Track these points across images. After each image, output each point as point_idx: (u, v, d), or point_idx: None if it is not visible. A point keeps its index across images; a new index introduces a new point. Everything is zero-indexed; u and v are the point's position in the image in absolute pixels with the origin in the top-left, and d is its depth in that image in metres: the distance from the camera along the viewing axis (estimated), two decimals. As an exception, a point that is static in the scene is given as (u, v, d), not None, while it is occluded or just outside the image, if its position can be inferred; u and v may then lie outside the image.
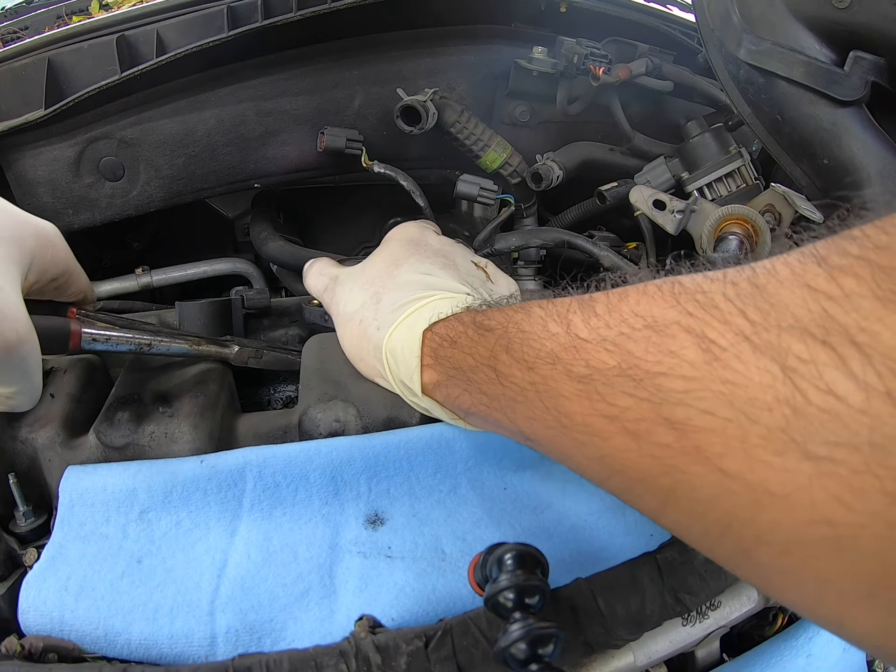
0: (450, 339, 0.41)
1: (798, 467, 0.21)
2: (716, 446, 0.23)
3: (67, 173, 0.75)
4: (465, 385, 0.39)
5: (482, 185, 0.72)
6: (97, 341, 0.46)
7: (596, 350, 0.29)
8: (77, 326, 0.46)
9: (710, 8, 0.63)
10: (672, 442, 0.25)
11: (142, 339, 0.49)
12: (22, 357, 0.38)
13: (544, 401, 0.32)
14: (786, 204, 0.72)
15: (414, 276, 0.51)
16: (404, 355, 0.44)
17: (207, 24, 0.82)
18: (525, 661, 0.29)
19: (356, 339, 0.51)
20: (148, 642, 0.37)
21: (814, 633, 0.45)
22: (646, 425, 0.26)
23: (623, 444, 0.27)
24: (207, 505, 0.43)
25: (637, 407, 0.26)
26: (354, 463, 0.45)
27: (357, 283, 0.54)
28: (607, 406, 0.28)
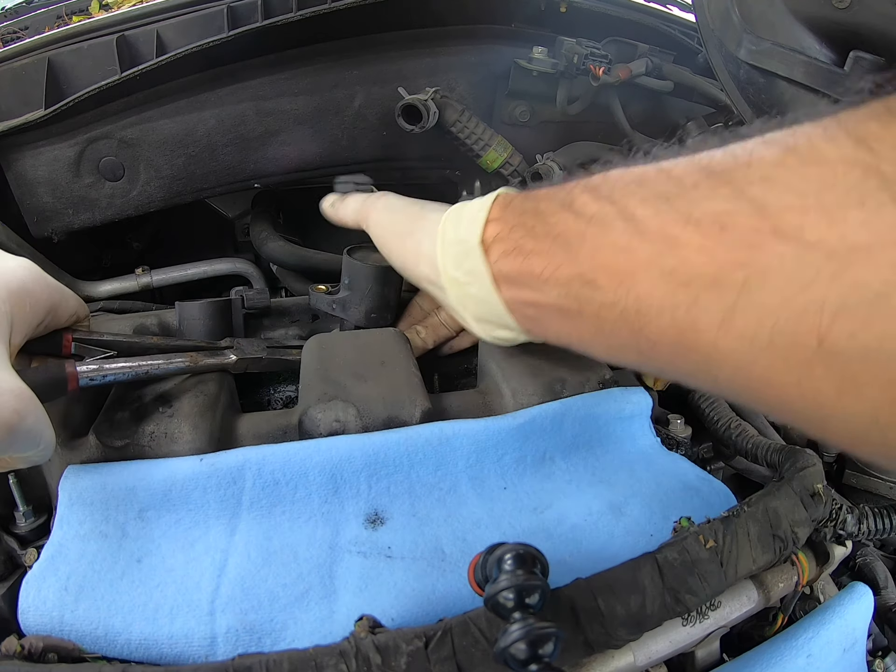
0: (523, 193, 0.43)
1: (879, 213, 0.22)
2: (796, 219, 0.24)
3: (67, 173, 0.75)
4: (530, 229, 0.40)
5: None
6: (95, 379, 0.46)
7: (678, 167, 0.31)
8: (72, 368, 0.45)
9: (710, 8, 0.63)
10: (753, 225, 0.26)
11: (139, 367, 0.48)
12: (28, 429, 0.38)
13: (623, 220, 0.33)
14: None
15: None
16: (472, 210, 0.44)
17: (207, 25, 0.82)
18: (525, 661, 0.29)
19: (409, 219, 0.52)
20: (148, 642, 0.37)
21: (814, 633, 0.45)
22: (727, 217, 0.27)
23: (700, 244, 0.28)
24: (207, 503, 0.43)
25: (718, 204, 0.28)
26: (354, 461, 0.45)
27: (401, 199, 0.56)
28: (692, 210, 0.29)
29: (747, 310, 0.26)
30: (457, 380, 0.66)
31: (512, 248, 0.40)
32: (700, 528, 0.41)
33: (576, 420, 0.50)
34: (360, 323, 0.62)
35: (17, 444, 0.37)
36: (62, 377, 0.44)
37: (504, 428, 0.48)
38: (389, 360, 0.54)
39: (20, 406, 0.37)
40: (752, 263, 0.26)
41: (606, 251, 0.34)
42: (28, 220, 0.77)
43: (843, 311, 0.22)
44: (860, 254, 0.22)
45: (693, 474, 0.50)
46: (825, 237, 0.23)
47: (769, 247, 0.25)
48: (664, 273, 0.30)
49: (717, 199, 0.28)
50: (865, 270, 0.22)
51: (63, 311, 0.48)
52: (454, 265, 0.45)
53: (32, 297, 0.43)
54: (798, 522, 0.43)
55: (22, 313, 0.42)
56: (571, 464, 0.49)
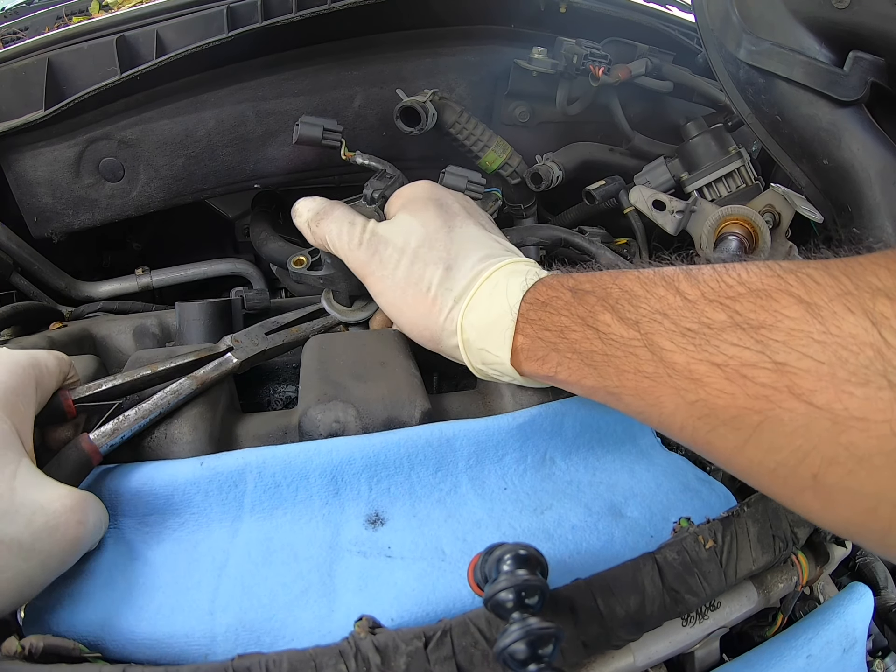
0: (540, 301, 0.43)
1: (878, 395, 0.26)
2: (809, 384, 0.28)
3: (67, 174, 0.75)
4: (553, 345, 0.41)
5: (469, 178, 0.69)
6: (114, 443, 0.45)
7: (706, 307, 0.33)
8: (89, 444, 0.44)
9: (709, 8, 0.63)
10: (772, 382, 0.29)
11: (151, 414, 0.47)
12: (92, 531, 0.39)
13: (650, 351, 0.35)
14: (785, 204, 0.73)
15: (472, 238, 0.51)
16: (490, 320, 0.45)
17: (207, 25, 0.82)
18: (524, 662, 0.29)
19: (423, 307, 0.49)
20: (148, 641, 0.37)
21: (813, 633, 0.45)
22: (750, 369, 0.30)
23: (723, 387, 0.31)
24: (209, 506, 0.43)
25: (743, 354, 0.31)
26: (354, 462, 0.45)
27: (411, 243, 0.51)
28: (715, 353, 0.32)
29: (759, 444, 0.31)
30: (457, 380, 0.66)
31: (537, 358, 0.43)
32: (700, 529, 0.41)
33: (576, 420, 0.50)
34: (353, 292, 0.60)
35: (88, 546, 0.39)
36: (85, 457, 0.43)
37: (504, 428, 0.48)
38: (389, 361, 0.53)
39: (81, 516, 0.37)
40: (767, 412, 0.30)
41: (631, 375, 0.36)
42: (28, 221, 0.77)
43: (835, 462, 0.28)
44: (857, 423, 0.27)
45: (693, 475, 0.50)
46: (832, 404, 0.27)
47: (784, 402, 0.29)
48: (687, 403, 0.33)
49: (741, 349, 0.31)
50: (857, 436, 0.27)
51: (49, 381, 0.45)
52: (479, 362, 0.48)
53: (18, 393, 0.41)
54: (798, 522, 0.43)
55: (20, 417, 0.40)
56: (572, 464, 0.49)
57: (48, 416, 0.45)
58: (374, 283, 0.52)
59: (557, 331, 0.41)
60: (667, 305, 0.35)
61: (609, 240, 0.86)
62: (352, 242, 0.52)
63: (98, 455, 0.44)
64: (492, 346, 0.45)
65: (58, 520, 0.36)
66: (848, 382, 0.27)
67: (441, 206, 0.54)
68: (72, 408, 0.46)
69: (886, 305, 0.27)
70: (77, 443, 0.43)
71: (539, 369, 0.43)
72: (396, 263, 0.50)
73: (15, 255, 0.76)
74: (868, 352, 0.27)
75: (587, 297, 0.40)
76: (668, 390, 0.34)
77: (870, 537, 0.29)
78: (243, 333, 0.56)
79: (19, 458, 0.38)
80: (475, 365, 0.48)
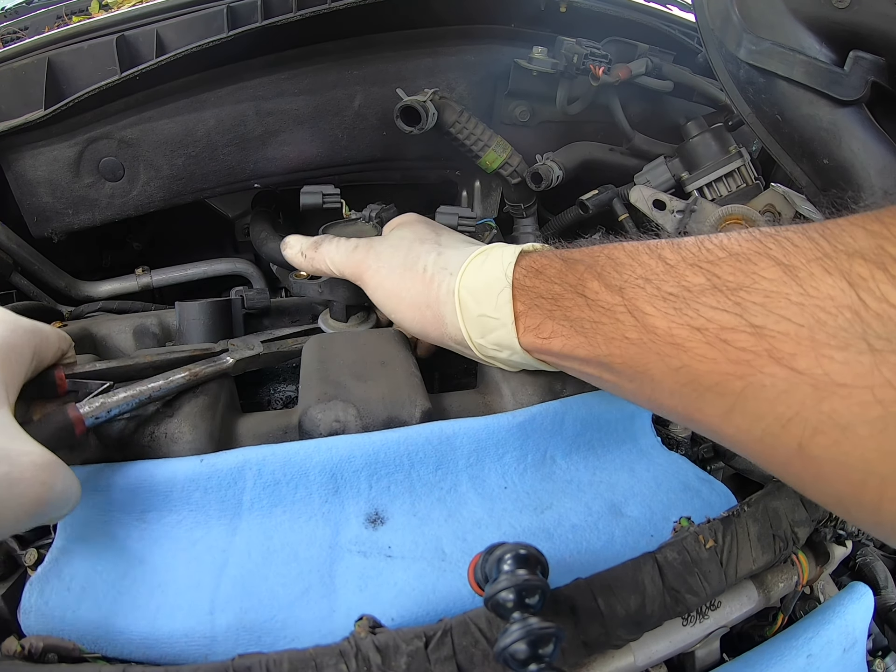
0: (534, 269, 0.44)
1: (858, 359, 0.25)
2: (789, 347, 0.28)
3: (67, 173, 0.75)
4: (548, 312, 0.42)
5: (460, 214, 0.71)
6: (100, 416, 0.44)
7: (686, 271, 0.33)
8: (75, 412, 0.43)
9: (709, 8, 0.63)
10: (751, 346, 0.29)
11: (140, 394, 0.47)
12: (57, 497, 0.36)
13: (633, 317, 0.35)
14: (786, 203, 0.73)
15: (459, 239, 0.53)
16: (488, 287, 0.45)
17: (207, 25, 0.82)
18: (525, 661, 0.29)
19: (421, 285, 0.50)
20: (148, 641, 0.37)
21: (814, 633, 0.45)
22: (730, 333, 0.30)
23: (704, 352, 0.31)
24: (208, 503, 0.43)
25: (722, 317, 0.30)
26: (354, 460, 0.45)
27: (405, 241, 0.53)
28: (695, 317, 0.32)
29: (744, 412, 0.30)
30: (457, 380, 0.66)
31: (534, 327, 0.43)
32: (700, 528, 0.41)
33: (577, 419, 0.50)
34: (351, 301, 0.61)
35: (49, 513, 0.36)
36: (68, 424, 0.42)
37: (504, 426, 0.48)
38: (389, 360, 0.53)
39: (47, 476, 0.35)
40: (749, 378, 0.29)
41: (619, 342, 0.36)
42: (28, 221, 0.77)
43: (819, 431, 0.27)
44: (838, 389, 0.26)
45: (693, 474, 0.50)
46: (812, 369, 0.27)
47: (765, 367, 0.29)
48: (672, 369, 0.33)
49: (721, 312, 0.31)
50: (840, 403, 0.26)
51: (47, 351, 0.46)
52: (479, 334, 0.47)
53: (15, 350, 0.41)
54: (798, 522, 0.43)
55: (10, 371, 0.40)
56: (572, 463, 0.49)
57: (39, 388, 0.45)
58: (370, 277, 0.53)
59: (551, 298, 0.41)
60: (649, 271, 0.36)
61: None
62: (346, 250, 0.56)
63: (82, 425, 0.43)
64: (491, 310, 0.45)
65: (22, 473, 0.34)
66: (827, 346, 0.27)
67: (428, 223, 0.58)
68: (63, 382, 0.46)
69: (863, 266, 0.27)
70: (63, 409, 0.43)
71: (535, 340, 0.43)
72: (392, 254, 0.52)
73: (15, 255, 0.76)
74: (846, 314, 0.26)
75: (577, 266, 0.41)
76: (653, 357, 0.34)
77: (862, 513, 0.28)
78: (239, 339, 0.58)
79: None
80: (475, 339, 0.48)
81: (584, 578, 0.37)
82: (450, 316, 0.48)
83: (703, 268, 0.33)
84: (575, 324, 0.40)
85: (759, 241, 0.31)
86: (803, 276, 0.28)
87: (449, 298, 0.48)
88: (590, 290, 0.39)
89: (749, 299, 0.30)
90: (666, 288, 0.34)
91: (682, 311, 0.32)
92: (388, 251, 0.53)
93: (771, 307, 0.29)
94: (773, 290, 0.29)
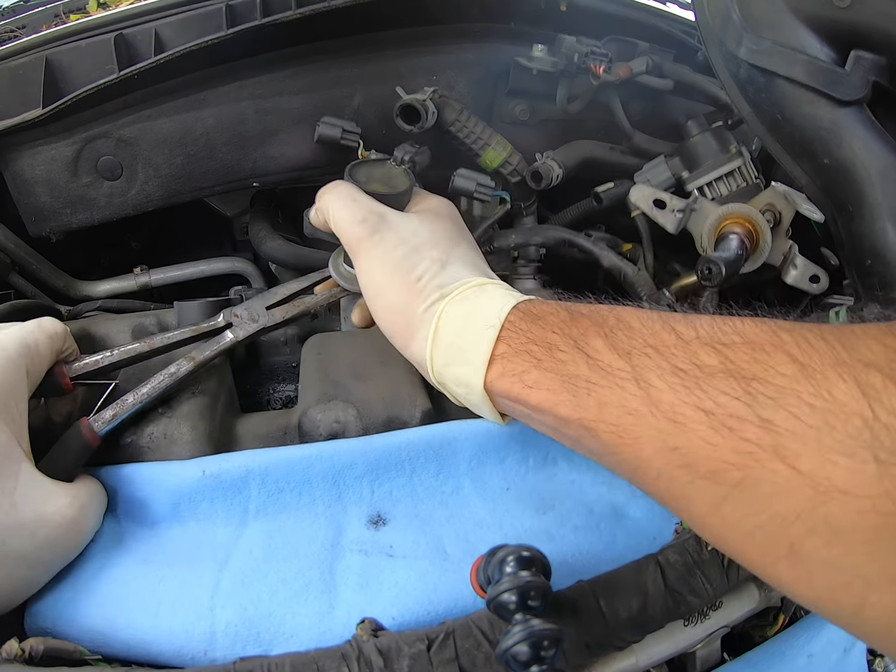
0: (533, 314, 0.41)
1: (862, 468, 0.25)
2: (795, 446, 0.27)
3: (65, 172, 0.75)
4: (537, 361, 0.39)
5: (479, 181, 0.69)
6: (112, 426, 0.46)
7: (699, 349, 0.33)
8: (89, 431, 0.44)
9: (709, 6, 0.62)
10: (757, 438, 0.28)
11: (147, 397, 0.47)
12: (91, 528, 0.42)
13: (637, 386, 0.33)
14: (786, 203, 0.72)
15: (473, 258, 0.50)
16: (474, 321, 0.42)
17: (206, 23, 0.82)
18: (527, 663, 0.29)
19: (407, 294, 0.46)
20: (148, 637, 0.37)
21: (814, 633, 0.45)
22: (737, 421, 0.29)
23: (707, 436, 0.30)
24: (214, 513, 0.44)
25: (731, 404, 0.30)
26: (356, 466, 0.45)
27: (414, 236, 0.49)
28: (704, 399, 0.31)
29: (737, 504, 0.30)
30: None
31: (512, 373, 0.40)
32: (702, 529, 0.41)
33: None
34: None
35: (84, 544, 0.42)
36: (85, 444, 0.44)
37: (505, 429, 0.47)
38: (389, 360, 0.53)
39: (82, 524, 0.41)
40: (749, 471, 0.29)
41: (613, 409, 0.34)
42: (26, 220, 0.77)
43: (813, 533, 0.27)
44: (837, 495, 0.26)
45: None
46: (815, 472, 0.27)
47: (767, 462, 0.28)
48: (668, 448, 0.32)
49: (730, 398, 0.30)
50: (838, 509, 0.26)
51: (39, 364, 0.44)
52: (443, 363, 0.44)
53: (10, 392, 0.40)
54: (799, 523, 0.43)
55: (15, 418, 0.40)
56: (574, 464, 0.49)
57: (46, 390, 0.46)
58: (364, 259, 0.49)
59: (545, 347, 0.39)
60: (661, 342, 0.34)
61: (615, 244, 0.85)
62: (353, 217, 0.50)
63: (97, 439, 0.45)
64: (466, 343, 0.42)
65: (58, 531, 0.39)
66: (833, 451, 0.26)
67: (456, 225, 0.54)
68: (69, 385, 0.47)
69: (878, 378, 0.27)
70: (77, 430, 0.45)
71: (512, 387, 0.40)
72: (395, 248, 0.48)
73: (13, 255, 0.76)
74: (856, 422, 0.26)
75: (582, 320, 0.39)
76: (650, 431, 0.32)
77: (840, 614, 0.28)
78: (243, 307, 0.55)
79: (19, 465, 0.38)
80: (435, 365, 0.44)
81: (586, 580, 0.37)
82: (422, 333, 0.45)
83: (717, 349, 0.32)
84: (566, 380, 0.37)
85: (776, 334, 0.31)
86: (819, 379, 0.28)
87: (428, 318, 0.45)
88: (592, 349, 0.37)
89: (761, 391, 0.29)
90: (676, 362, 0.33)
91: (692, 389, 0.31)
92: (393, 242, 0.49)
93: (782, 403, 0.28)
94: (787, 387, 0.29)
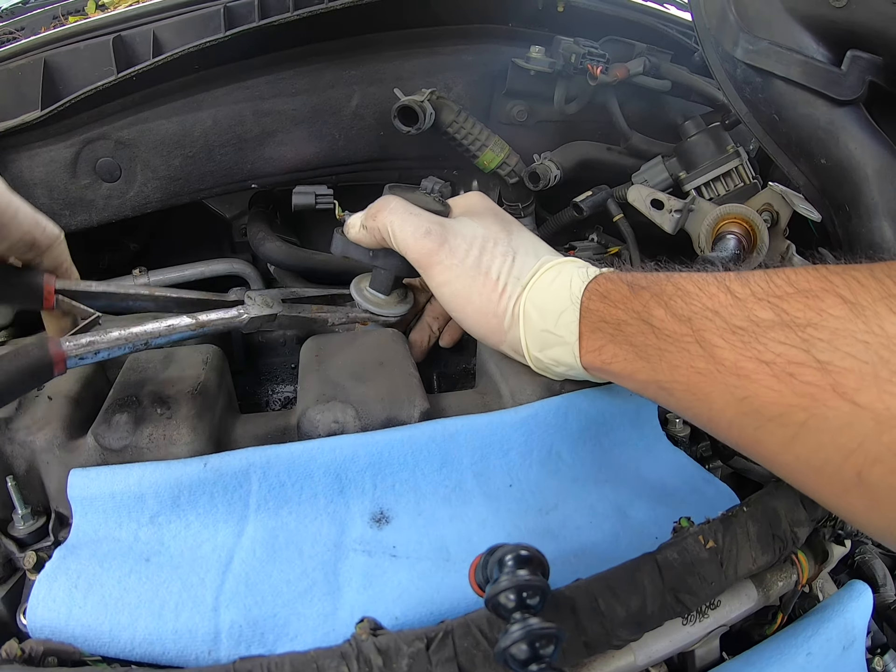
0: (599, 293, 0.45)
1: None
2: (853, 382, 0.29)
3: (64, 174, 0.75)
4: (610, 336, 0.43)
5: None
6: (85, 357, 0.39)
7: (754, 306, 0.35)
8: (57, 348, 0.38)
9: (706, 7, 0.63)
10: (817, 380, 0.30)
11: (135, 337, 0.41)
12: None
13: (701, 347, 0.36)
14: (783, 203, 0.73)
15: (530, 240, 0.53)
16: (555, 305, 0.46)
17: (204, 25, 0.82)
18: (525, 662, 0.29)
19: (493, 294, 0.49)
20: (152, 637, 0.37)
21: (813, 631, 0.45)
22: (796, 367, 0.31)
23: (770, 384, 0.32)
24: (215, 507, 0.44)
25: (789, 352, 0.32)
26: (358, 460, 0.45)
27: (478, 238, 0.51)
28: (763, 351, 0.33)
29: (805, 442, 0.32)
30: (455, 380, 0.66)
31: (594, 349, 0.44)
32: (700, 529, 0.41)
33: (580, 413, 0.50)
34: (402, 273, 0.58)
35: None
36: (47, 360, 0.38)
37: (508, 423, 0.48)
38: (388, 361, 0.53)
39: None
40: (813, 410, 0.31)
41: (683, 371, 0.37)
42: (25, 222, 0.77)
43: (878, 461, 0.28)
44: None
45: (699, 476, 0.50)
46: (874, 404, 0.28)
47: (828, 400, 0.30)
48: (736, 399, 0.34)
49: (788, 347, 0.32)
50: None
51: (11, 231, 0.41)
52: (538, 348, 0.49)
53: None
54: (797, 522, 0.43)
55: None
56: (578, 459, 0.49)
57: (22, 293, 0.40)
58: (439, 272, 0.51)
59: (614, 323, 0.43)
60: (718, 303, 0.37)
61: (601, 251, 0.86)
62: (417, 231, 0.51)
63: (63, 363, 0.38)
64: (555, 328, 0.46)
65: None
66: (889, 382, 0.28)
67: (497, 214, 0.56)
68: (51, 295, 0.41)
69: None
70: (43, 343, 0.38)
71: (595, 359, 0.44)
72: (466, 252, 0.51)
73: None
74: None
75: (642, 293, 0.42)
76: (718, 386, 0.35)
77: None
78: (258, 293, 0.53)
79: None
80: (532, 352, 0.49)
81: (584, 579, 0.37)
82: (513, 327, 0.49)
83: (771, 303, 0.34)
84: (638, 349, 0.41)
85: (827, 278, 0.32)
86: (869, 315, 0.30)
87: (517, 311, 0.49)
88: (656, 318, 0.40)
89: (816, 336, 0.31)
90: (734, 321, 0.35)
91: (751, 344, 0.34)
92: (462, 247, 0.51)
93: (837, 344, 0.30)
94: (840, 328, 0.30)
